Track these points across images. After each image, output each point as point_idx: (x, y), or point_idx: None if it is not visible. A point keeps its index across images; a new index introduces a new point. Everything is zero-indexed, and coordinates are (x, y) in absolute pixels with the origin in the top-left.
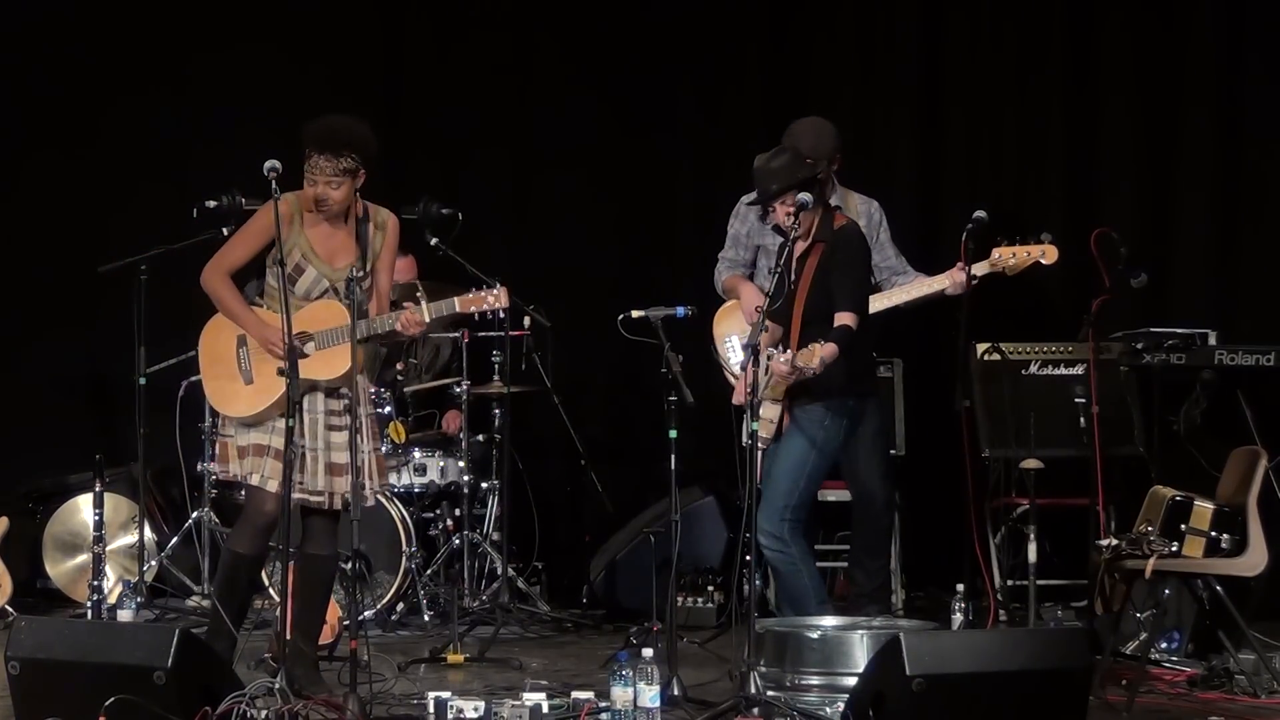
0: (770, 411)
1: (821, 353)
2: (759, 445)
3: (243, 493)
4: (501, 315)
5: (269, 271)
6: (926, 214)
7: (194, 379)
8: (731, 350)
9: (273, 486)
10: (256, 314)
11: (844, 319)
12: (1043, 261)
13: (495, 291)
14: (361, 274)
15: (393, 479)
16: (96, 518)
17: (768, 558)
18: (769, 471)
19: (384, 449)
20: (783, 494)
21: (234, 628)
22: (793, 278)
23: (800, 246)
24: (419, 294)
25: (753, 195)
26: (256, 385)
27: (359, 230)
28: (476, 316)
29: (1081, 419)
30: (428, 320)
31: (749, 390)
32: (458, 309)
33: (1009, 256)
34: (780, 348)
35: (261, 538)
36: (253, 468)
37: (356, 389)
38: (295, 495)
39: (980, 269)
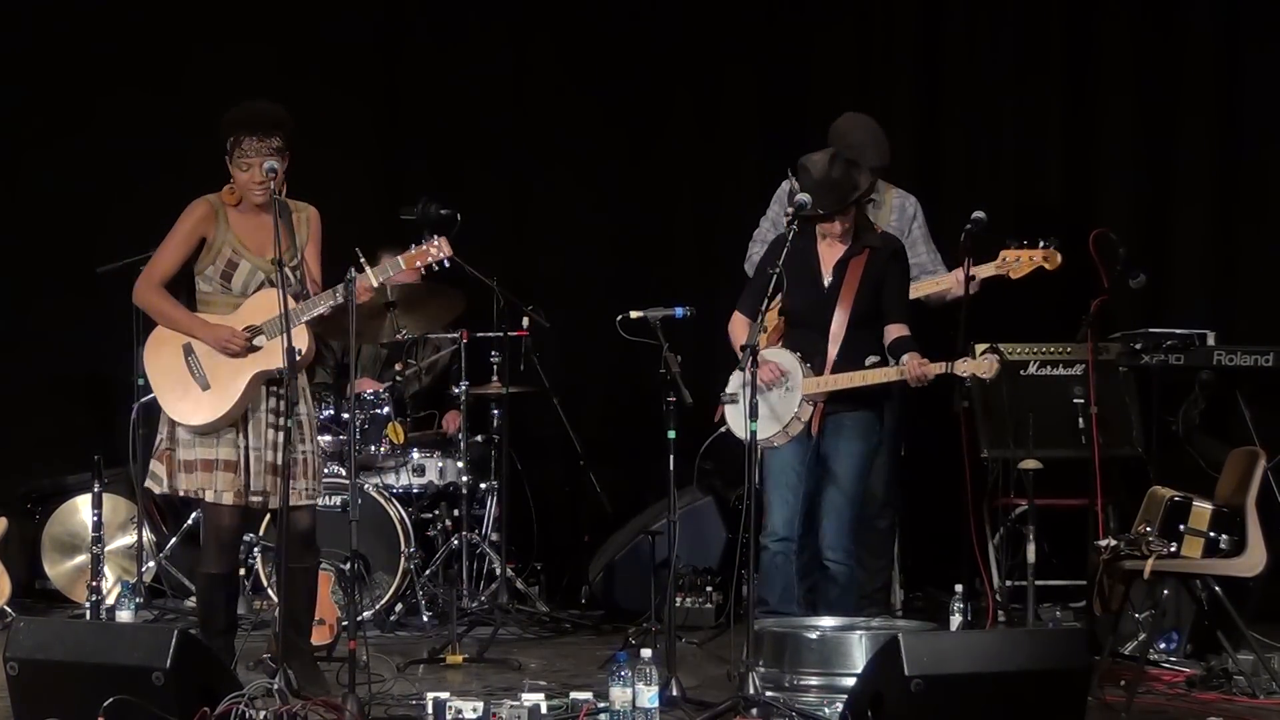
0: (805, 412)
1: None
2: (776, 444)
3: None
4: (447, 265)
5: (199, 277)
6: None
7: (147, 399)
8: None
9: (228, 499)
10: (200, 317)
11: (904, 330)
12: (1046, 267)
13: (436, 242)
14: (296, 261)
15: (391, 480)
16: (95, 518)
17: (834, 571)
18: (832, 485)
19: (383, 449)
20: (851, 505)
21: (222, 652)
22: (829, 279)
23: (838, 249)
24: (360, 260)
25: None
26: (214, 390)
27: (284, 220)
28: (423, 270)
29: (1080, 419)
30: (374, 284)
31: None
32: (403, 266)
33: (1014, 260)
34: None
35: (228, 553)
36: (203, 483)
37: (352, 386)
38: (240, 501)
39: (986, 270)
